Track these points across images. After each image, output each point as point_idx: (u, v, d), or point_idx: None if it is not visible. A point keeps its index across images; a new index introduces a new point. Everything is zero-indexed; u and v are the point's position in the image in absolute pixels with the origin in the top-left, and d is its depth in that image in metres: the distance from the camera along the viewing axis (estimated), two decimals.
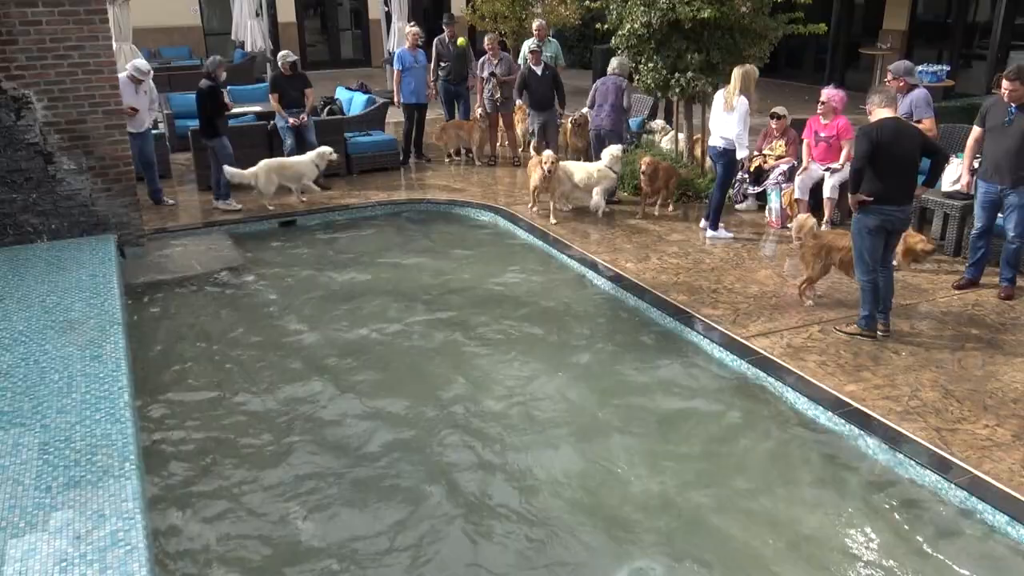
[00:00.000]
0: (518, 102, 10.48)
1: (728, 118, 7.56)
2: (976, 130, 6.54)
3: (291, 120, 9.47)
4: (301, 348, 6.05)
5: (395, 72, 10.93)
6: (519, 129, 11.17)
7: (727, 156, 7.71)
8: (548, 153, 8.63)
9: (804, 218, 6.52)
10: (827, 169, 7.93)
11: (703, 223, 8.16)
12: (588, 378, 5.58)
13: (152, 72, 8.66)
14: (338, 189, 9.75)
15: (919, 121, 6.81)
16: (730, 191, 8.48)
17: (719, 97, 7.76)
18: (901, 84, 7.08)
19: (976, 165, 6.54)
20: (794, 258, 7.45)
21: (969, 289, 6.62)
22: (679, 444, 4.86)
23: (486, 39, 11.22)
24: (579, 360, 5.83)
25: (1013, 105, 6.11)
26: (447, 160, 11.16)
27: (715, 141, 7.77)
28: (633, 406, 5.22)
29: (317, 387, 5.49)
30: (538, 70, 9.98)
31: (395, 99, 10.97)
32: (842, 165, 7.81)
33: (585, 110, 10.81)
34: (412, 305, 6.76)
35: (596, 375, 5.63)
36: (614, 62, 9.32)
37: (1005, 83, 6.05)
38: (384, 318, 6.52)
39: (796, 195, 8.11)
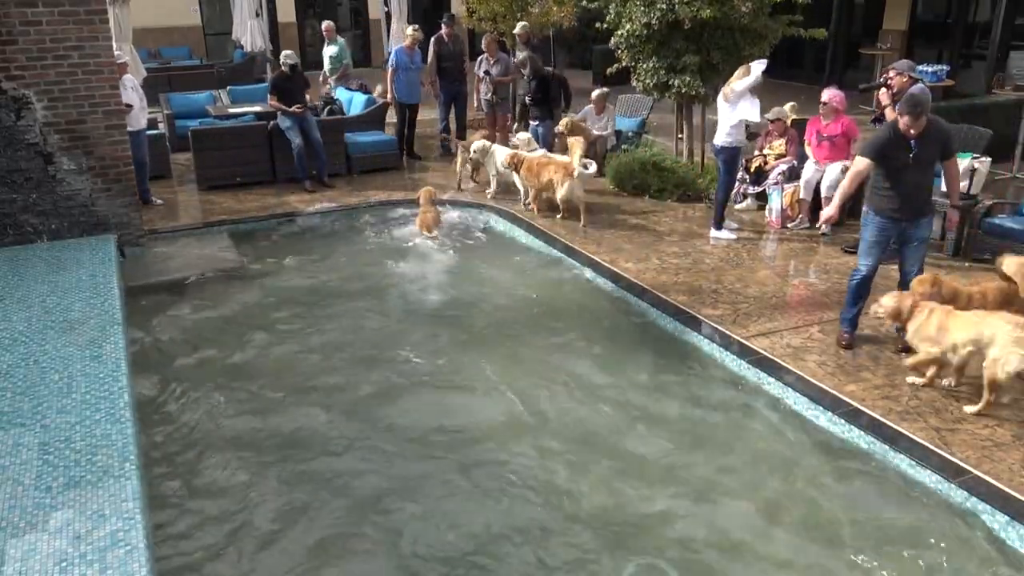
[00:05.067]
0: None
1: (726, 109, 7.57)
2: None
3: (294, 108, 9.48)
4: (301, 349, 6.05)
5: (389, 70, 11.03)
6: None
7: (725, 154, 7.71)
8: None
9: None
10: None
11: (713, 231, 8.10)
12: (587, 378, 5.58)
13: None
14: (338, 189, 9.75)
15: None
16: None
17: (721, 95, 7.76)
18: (906, 80, 7.11)
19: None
20: (798, 257, 7.45)
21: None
22: (679, 446, 4.86)
23: (484, 38, 11.23)
24: (578, 360, 5.83)
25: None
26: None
27: (717, 139, 7.79)
28: (632, 407, 5.23)
29: (318, 388, 5.49)
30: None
31: (388, 96, 11.09)
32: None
33: (581, 113, 10.78)
34: (411, 306, 6.76)
35: (595, 375, 5.63)
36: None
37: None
38: (384, 318, 6.53)
39: (801, 195, 8.10)
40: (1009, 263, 5.21)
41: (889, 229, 5.54)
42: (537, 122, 9.77)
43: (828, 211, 5.77)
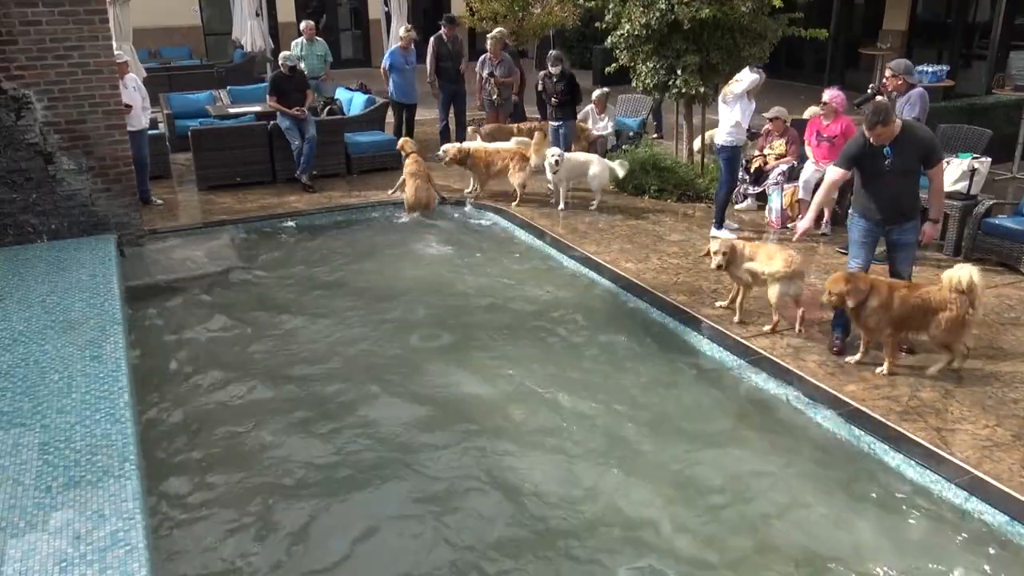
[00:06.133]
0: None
1: (725, 110, 7.59)
2: None
3: (294, 111, 9.47)
4: (298, 349, 6.05)
5: (383, 68, 11.23)
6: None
7: (726, 152, 7.72)
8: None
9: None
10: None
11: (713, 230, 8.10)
12: (587, 379, 5.58)
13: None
14: (338, 189, 9.76)
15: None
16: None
17: (721, 96, 7.78)
18: (900, 83, 7.08)
19: None
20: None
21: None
22: (679, 447, 4.86)
23: (489, 40, 11.22)
24: (578, 361, 5.83)
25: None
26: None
27: (717, 138, 7.82)
28: (632, 408, 5.22)
29: (318, 389, 5.49)
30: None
31: (385, 91, 11.28)
32: None
33: (582, 114, 10.78)
34: (412, 306, 6.75)
35: (595, 376, 5.62)
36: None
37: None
38: (384, 320, 6.52)
39: (800, 195, 8.10)
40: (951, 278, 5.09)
41: (873, 231, 5.55)
42: (560, 123, 9.72)
43: (803, 223, 5.86)
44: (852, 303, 5.17)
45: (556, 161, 8.68)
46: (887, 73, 7.16)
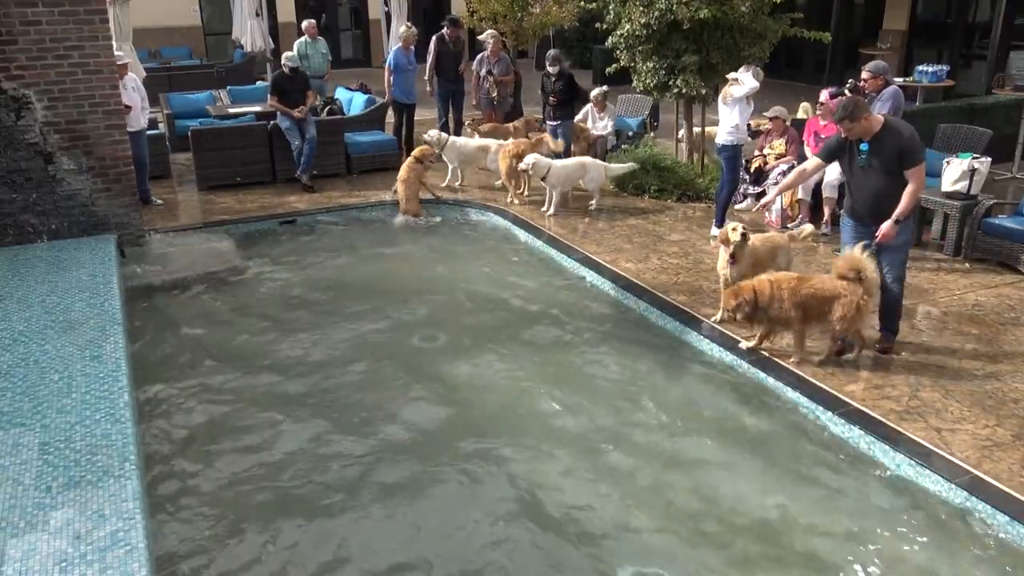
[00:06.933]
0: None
1: (725, 111, 7.61)
2: None
3: (295, 112, 9.47)
4: (301, 349, 6.05)
5: (385, 69, 11.15)
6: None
7: (727, 152, 7.73)
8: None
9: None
10: None
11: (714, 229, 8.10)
12: (586, 380, 5.58)
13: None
14: (338, 189, 9.76)
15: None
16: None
17: (721, 97, 7.80)
18: (879, 82, 7.19)
19: None
20: (798, 257, 7.44)
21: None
22: (680, 446, 4.86)
23: (490, 39, 11.22)
24: (578, 361, 5.83)
25: None
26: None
27: (718, 138, 7.84)
28: (632, 408, 5.23)
29: (316, 390, 5.49)
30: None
31: (386, 94, 11.19)
32: None
33: (581, 113, 10.77)
34: (412, 307, 6.75)
35: (595, 377, 5.63)
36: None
37: None
38: (384, 320, 6.52)
39: (799, 195, 8.11)
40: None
41: (860, 231, 5.52)
42: (558, 122, 9.69)
43: (765, 199, 6.24)
44: (744, 314, 5.34)
45: (529, 167, 8.67)
46: (864, 75, 7.28)
